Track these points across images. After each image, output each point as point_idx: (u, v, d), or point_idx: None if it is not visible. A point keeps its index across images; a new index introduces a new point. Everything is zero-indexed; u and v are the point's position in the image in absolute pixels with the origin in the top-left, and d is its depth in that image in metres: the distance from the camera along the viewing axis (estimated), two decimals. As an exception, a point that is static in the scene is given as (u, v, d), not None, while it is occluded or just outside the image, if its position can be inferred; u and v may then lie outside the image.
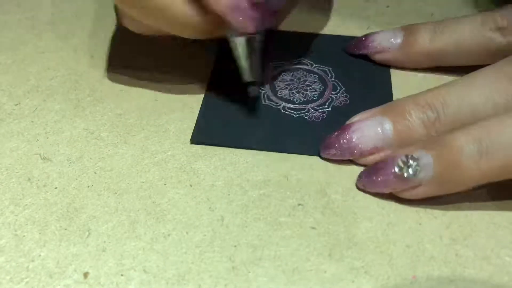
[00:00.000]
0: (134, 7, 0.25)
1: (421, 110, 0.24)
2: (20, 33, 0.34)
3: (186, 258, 0.22)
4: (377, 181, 0.24)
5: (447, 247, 0.22)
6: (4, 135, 0.27)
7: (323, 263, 0.22)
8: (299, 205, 0.24)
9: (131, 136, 0.27)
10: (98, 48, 0.33)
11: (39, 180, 0.25)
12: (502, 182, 0.24)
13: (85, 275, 0.22)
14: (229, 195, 0.24)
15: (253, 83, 0.27)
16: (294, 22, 0.34)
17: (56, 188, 0.25)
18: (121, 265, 0.22)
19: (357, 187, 0.25)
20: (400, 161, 0.23)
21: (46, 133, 0.27)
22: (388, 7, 0.35)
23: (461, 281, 0.21)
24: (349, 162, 0.26)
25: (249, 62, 0.26)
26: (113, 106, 0.29)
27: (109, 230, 0.23)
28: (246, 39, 0.25)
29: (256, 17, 0.24)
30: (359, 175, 0.25)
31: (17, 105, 0.29)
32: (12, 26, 0.34)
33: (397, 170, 0.23)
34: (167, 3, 0.24)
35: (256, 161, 0.26)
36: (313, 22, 0.34)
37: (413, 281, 0.21)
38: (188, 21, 0.25)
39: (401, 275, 0.21)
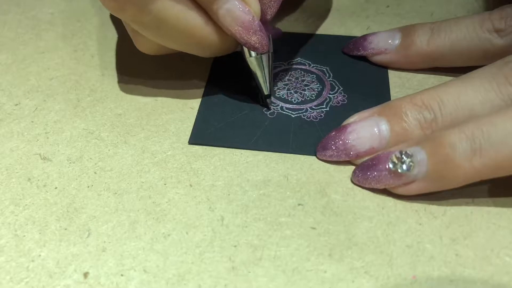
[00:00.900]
0: (151, 30, 0.25)
1: (418, 110, 0.24)
2: (20, 33, 0.34)
3: (186, 258, 0.22)
4: (371, 176, 0.24)
5: (447, 247, 0.22)
6: (4, 135, 0.27)
7: (323, 263, 0.22)
8: (299, 205, 0.24)
9: (131, 136, 0.27)
10: (98, 48, 0.33)
11: (39, 180, 0.25)
12: (502, 182, 0.24)
13: (85, 275, 0.22)
14: (229, 195, 0.24)
15: (269, 95, 0.28)
16: (294, 22, 0.34)
17: (56, 188, 0.25)
18: (121, 265, 0.22)
19: (352, 182, 0.25)
20: (394, 157, 0.23)
21: (46, 133, 0.27)
22: (388, 7, 0.35)
23: (461, 281, 0.21)
24: (348, 162, 0.26)
25: (264, 77, 0.27)
26: (113, 106, 0.29)
27: (109, 230, 0.23)
28: (260, 57, 0.27)
29: (266, 36, 0.26)
30: (354, 171, 0.25)
31: (17, 105, 0.29)
32: (12, 26, 0.34)
33: (391, 166, 0.23)
34: (190, 27, 0.25)
35: (256, 161, 0.26)
36: (313, 22, 0.34)
37: (413, 281, 0.21)
38: (208, 42, 0.26)
39: (401, 275, 0.21)
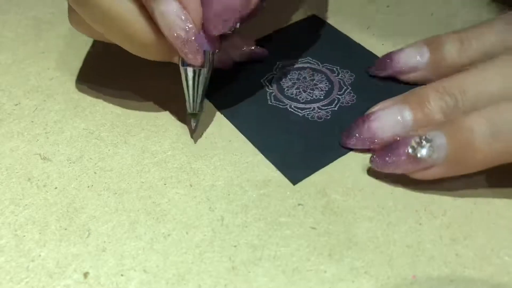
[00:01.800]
0: (87, 11, 0.24)
1: (439, 97, 0.24)
2: (20, 33, 0.34)
3: (186, 258, 0.22)
4: (390, 162, 0.24)
5: (447, 247, 0.22)
6: (4, 135, 0.27)
7: (323, 263, 0.22)
8: (299, 205, 0.24)
9: (131, 136, 0.27)
10: (98, 48, 0.33)
11: (39, 180, 0.25)
12: (502, 181, 0.24)
13: (85, 275, 0.22)
14: (229, 195, 0.24)
15: (194, 115, 0.26)
16: (294, 21, 0.34)
17: (56, 188, 0.25)
18: (121, 265, 0.22)
19: (370, 168, 0.25)
20: (413, 141, 0.23)
21: (46, 133, 0.27)
22: (388, 7, 0.35)
23: (461, 281, 0.21)
24: (347, 162, 0.26)
25: (193, 94, 0.26)
26: (113, 106, 0.29)
27: (109, 230, 0.23)
28: (193, 71, 0.25)
29: (202, 49, 0.24)
30: (372, 156, 0.25)
31: (17, 105, 0.29)
32: (12, 26, 0.34)
33: (410, 151, 0.23)
34: (122, 18, 0.24)
35: (256, 161, 0.26)
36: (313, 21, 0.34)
37: (413, 281, 0.21)
38: (142, 40, 0.24)
39: (401, 275, 0.21)
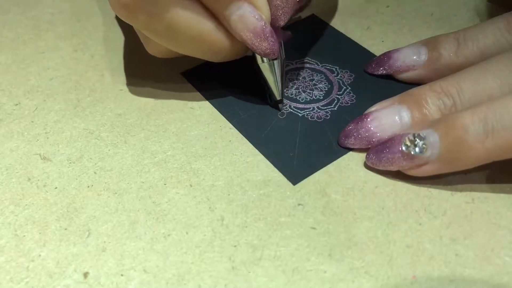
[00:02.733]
0: (163, 37, 0.25)
1: (437, 97, 0.25)
2: (20, 33, 0.34)
3: (186, 258, 0.22)
4: (384, 158, 0.24)
5: (447, 247, 0.22)
6: (4, 135, 0.27)
7: (323, 263, 0.22)
8: (299, 205, 0.24)
9: (131, 136, 0.27)
10: (98, 48, 0.33)
11: (39, 180, 0.25)
12: (502, 181, 0.24)
13: (85, 275, 0.22)
14: (229, 195, 0.24)
15: (281, 101, 0.28)
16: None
17: (56, 188, 0.25)
18: (121, 265, 0.22)
19: (366, 166, 0.25)
20: (407, 139, 0.23)
21: (46, 133, 0.27)
22: (388, 7, 0.35)
23: (461, 281, 0.21)
24: (347, 162, 0.26)
25: (275, 83, 0.27)
26: (113, 106, 0.29)
27: (109, 230, 0.23)
28: (272, 63, 0.27)
29: (277, 43, 0.26)
30: (368, 153, 0.25)
31: (17, 105, 0.29)
32: (12, 26, 0.34)
33: (404, 148, 0.23)
34: (201, 34, 0.25)
35: (256, 161, 0.26)
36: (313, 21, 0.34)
37: (413, 281, 0.21)
38: (219, 48, 0.26)
39: (401, 275, 0.21)
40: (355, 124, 0.26)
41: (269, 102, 0.29)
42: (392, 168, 0.24)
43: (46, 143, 0.27)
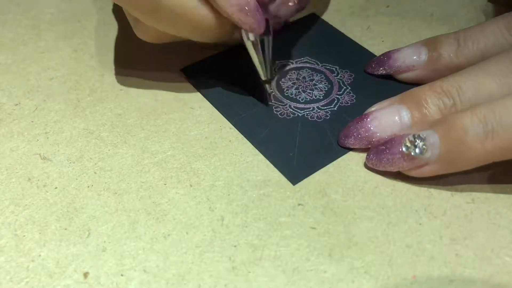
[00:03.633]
0: (148, 14, 0.25)
1: (437, 97, 0.25)
2: (20, 33, 0.34)
3: (186, 258, 0.22)
4: (384, 159, 0.24)
5: (447, 247, 0.22)
6: (4, 135, 0.27)
7: (323, 263, 0.22)
8: (299, 205, 0.24)
9: (131, 136, 0.27)
10: (98, 48, 0.33)
11: (39, 180, 0.25)
12: (502, 181, 0.24)
13: (85, 275, 0.22)
14: (229, 195, 0.24)
15: (268, 81, 0.28)
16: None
17: (56, 188, 0.25)
18: (121, 265, 0.22)
19: (366, 167, 0.25)
20: (407, 140, 0.23)
21: (46, 133, 0.27)
22: (388, 7, 0.35)
23: (461, 281, 0.21)
24: (347, 162, 0.26)
25: (263, 61, 0.27)
26: (113, 106, 0.29)
27: (109, 230, 0.23)
28: (257, 40, 0.26)
29: (263, 18, 0.25)
30: (368, 154, 0.25)
31: (17, 105, 0.29)
32: (12, 26, 0.34)
33: (404, 149, 0.23)
34: (186, 10, 0.25)
35: (256, 161, 0.26)
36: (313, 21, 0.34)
37: (413, 281, 0.21)
38: (205, 25, 0.25)
39: (401, 275, 0.21)
40: (355, 124, 0.26)
41: (270, 101, 0.29)
42: (392, 169, 0.24)
43: (46, 143, 0.27)
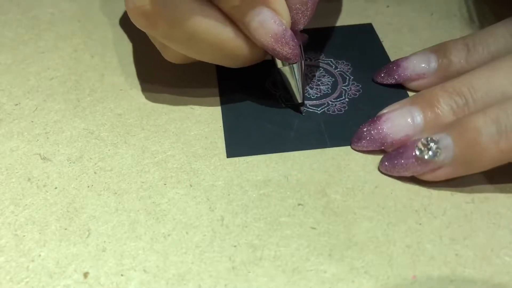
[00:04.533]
0: (183, 44, 0.25)
1: (449, 96, 0.24)
2: (20, 33, 0.34)
3: (186, 258, 0.22)
4: (398, 164, 0.24)
5: (447, 247, 0.22)
6: (4, 135, 0.27)
7: (323, 263, 0.22)
8: (299, 205, 0.24)
9: (131, 136, 0.27)
10: (98, 48, 0.33)
11: (39, 180, 0.25)
12: (502, 181, 0.24)
13: (85, 275, 0.22)
14: (229, 195, 0.24)
15: (302, 104, 0.28)
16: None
17: (56, 188, 0.25)
18: (121, 265, 0.22)
19: (380, 171, 0.25)
20: (420, 144, 0.23)
21: (46, 133, 0.27)
22: (388, 7, 0.35)
23: (461, 281, 0.21)
24: (347, 162, 0.26)
25: (296, 86, 0.27)
26: (113, 106, 0.29)
27: (109, 230, 0.23)
28: (292, 67, 0.27)
29: (298, 47, 0.26)
30: (381, 160, 0.25)
31: (17, 105, 0.29)
32: (12, 26, 0.34)
33: (417, 153, 0.23)
34: (221, 41, 0.25)
35: (256, 161, 0.26)
36: (313, 22, 0.34)
37: (413, 281, 0.21)
38: (238, 54, 0.26)
39: (401, 275, 0.21)
40: (367, 126, 0.26)
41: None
42: (406, 173, 0.24)
43: (46, 143, 0.27)
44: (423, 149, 0.23)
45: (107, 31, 0.34)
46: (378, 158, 0.25)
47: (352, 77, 0.30)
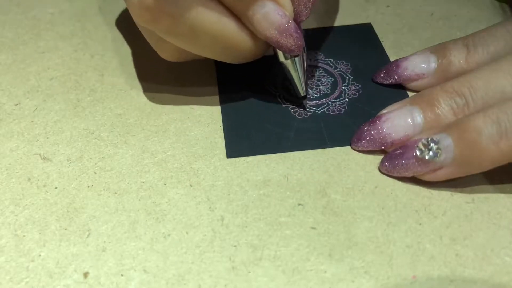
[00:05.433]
0: (186, 40, 0.25)
1: (449, 96, 0.25)
2: (20, 33, 0.34)
3: (186, 258, 0.22)
4: (399, 165, 0.24)
5: (447, 247, 0.22)
6: (4, 135, 0.27)
7: (323, 263, 0.22)
8: (299, 205, 0.24)
9: (131, 136, 0.27)
10: (98, 48, 0.33)
11: (39, 180, 0.25)
12: (502, 181, 0.24)
13: (85, 275, 0.22)
14: (229, 195, 0.24)
15: (305, 97, 0.28)
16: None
17: (56, 188, 0.25)
18: (121, 265, 0.22)
19: (380, 171, 0.25)
20: (421, 144, 0.23)
21: (46, 133, 0.27)
22: (388, 7, 0.35)
23: (461, 281, 0.21)
24: (347, 162, 0.26)
25: (299, 79, 0.27)
26: (113, 106, 0.29)
27: (109, 230, 0.23)
28: (294, 60, 0.26)
29: (301, 38, 0.25)
30: (382, 160, 0.25)
31: (17, 105, 0.29)
32: (12, 26, 0.34)
33: (418, 153, 0.23)
34: (225, 34, 0.25)
35: (256, 161, 0.26)
36: (312, 22, 0.34)
37: (413, 281, 0.21)
38: (241, 48, 0.26)
39: (401, 275, 0.21)
40: (367, 126, 0.26)
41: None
42: (407, 174, 0.24)
43: (46, 143, 0.27)
44: (423, 149, 0.23)
45: (107, 31, 0.34)
46: (378, 158, 0.25)
47: (352, 77, 0.30)
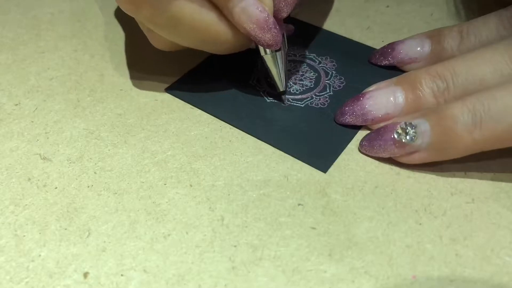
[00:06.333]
0: (167, 29, 0.25)
1: (431, 80, 0.25)
2: (20, 33, 0.34)
3: (186, 258, 0.22)
4: (376, 145, 0.25)
5: (447, 247, 0.22)
6: (4, 135, 0.27)
7: (323, 263, 0.22)
8: (299, 205, 0.24)
9: (131, 136, 0.27)
10: (98, 48, 0.33)
11: (39, 180, 0.25)
12: (502, 181, 0.24)
13: (85, 275, 0.22)
14: (229, 195, 0.24)
15: (284, 92, 0.28)
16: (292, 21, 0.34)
17: (56, 188, 0.25)
18: (121, 265, 0.22)
19: (360, 151, 0.26)
20: (399, 127, 0.24)
21: (46, 133, 0.27)
22: (388, 7, 0.35)
23: (461, 281, 0.21)
24: (347, 162, 0.26)
25: (279, 74, 0.27)
26: (113, 106, 0.29)
27: (109, 230, 0.23)
28: (275, 55, 0.27)
29: (280, 34, 0.26)
30: (361, 140, 0.26)
31: (17, 105, 0.29)
32: (12, 26, 0.34)
33: (395, 136, 0.24)
34: (204, 26, 0.25)
35: (256, 161, 0.26)
36: (312, 22, 0.34)
37: (413, 281, 0.21)
38: (222, 40, 0.26)
39: (401, 275, 0.21)
40: (351, 102, 0.27)
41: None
42: (384, 154, 0.25)
43: (46, 143, 0.27)
44: (401, 132, 0.24)
45: (107, 31, 0.34)
46: (378, 158, 0.25)
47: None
